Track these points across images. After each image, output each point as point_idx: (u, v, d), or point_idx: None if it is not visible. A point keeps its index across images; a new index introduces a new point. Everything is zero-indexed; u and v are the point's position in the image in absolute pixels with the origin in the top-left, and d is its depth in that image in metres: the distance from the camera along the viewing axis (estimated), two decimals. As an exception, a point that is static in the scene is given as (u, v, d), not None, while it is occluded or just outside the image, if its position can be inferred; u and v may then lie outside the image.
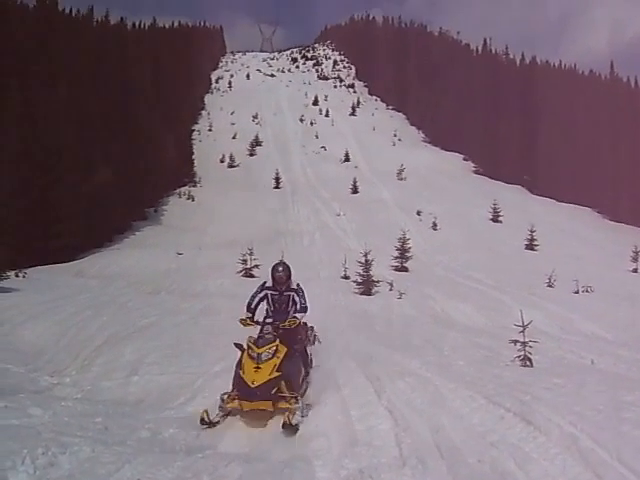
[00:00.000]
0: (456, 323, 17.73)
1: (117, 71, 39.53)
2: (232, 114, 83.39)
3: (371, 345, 12.87)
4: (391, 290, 22.26)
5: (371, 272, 22.85)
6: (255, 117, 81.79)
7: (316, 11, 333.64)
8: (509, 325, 13.57)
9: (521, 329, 11.47)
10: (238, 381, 7.91)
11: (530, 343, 11.35)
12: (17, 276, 20.88)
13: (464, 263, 30.36)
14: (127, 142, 37.50)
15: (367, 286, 22.44)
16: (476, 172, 62.32)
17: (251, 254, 25.10)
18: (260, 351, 7.98)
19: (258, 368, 7.81)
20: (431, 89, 78.71)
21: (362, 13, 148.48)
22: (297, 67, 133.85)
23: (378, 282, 22.77)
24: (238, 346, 8.28)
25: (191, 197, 46.92)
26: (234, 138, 69.61)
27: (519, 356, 11.38)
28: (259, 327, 8.67)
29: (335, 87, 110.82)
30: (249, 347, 8.12)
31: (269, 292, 9.31)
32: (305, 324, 9.84)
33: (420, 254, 31.10)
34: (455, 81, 74.42)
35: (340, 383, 9.08)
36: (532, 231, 35.43)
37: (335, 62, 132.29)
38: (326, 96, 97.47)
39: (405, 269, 27.91)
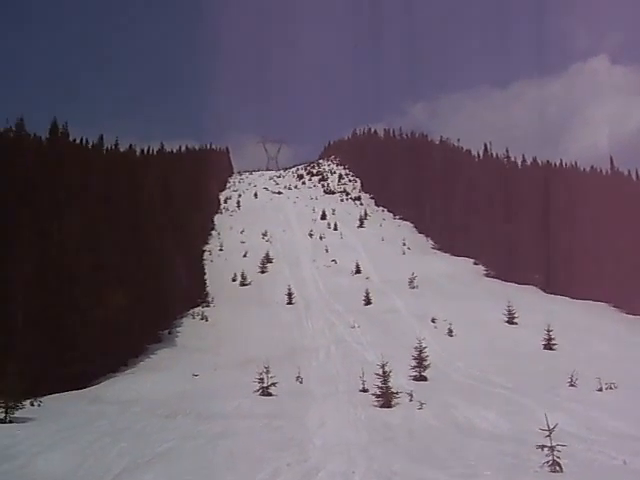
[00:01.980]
0: (480, 430, 17.36)
1: (127, 196, 40.38)
2: (242, 233, 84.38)
3: (394, 459, 12.59)
4: (411, 401, 21.90)
5: (390, 383, 22.56)
6: (265, 234, 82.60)
7: (319, 128, 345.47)
8: (534, 429, 13.28)
9: (547, 433, 11.23)
10: None
11: (558, 447, 11.08)
12: (32, 405, 20.76)
13: (483, 368, 29.91)
14: (139, 265, 37.87)
15: (386, 398, 22.09)
16: (487, 275, 62.27)
17: (267, 372, 24.85)
18: None
19: None
20: (436, 196, 79.74)
21: (364, 127, 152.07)
22: (303, 183, 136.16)
23: (397, 393, 22.43)
24: None
25: (204, 317, 46.86)
26: (245, 256, 70.15)
27: (548, 461, 11.10)
28: None
29: (342, 201, 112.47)
30: None
31: None
32: None
33: (438, 362, 30.70)
34: (459, 187, 75.43)
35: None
36: (549, 330, 35.07)
37: (340, 176, 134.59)
38: (333, 210, 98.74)
39: (424, 378, 27.51)
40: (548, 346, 34.92)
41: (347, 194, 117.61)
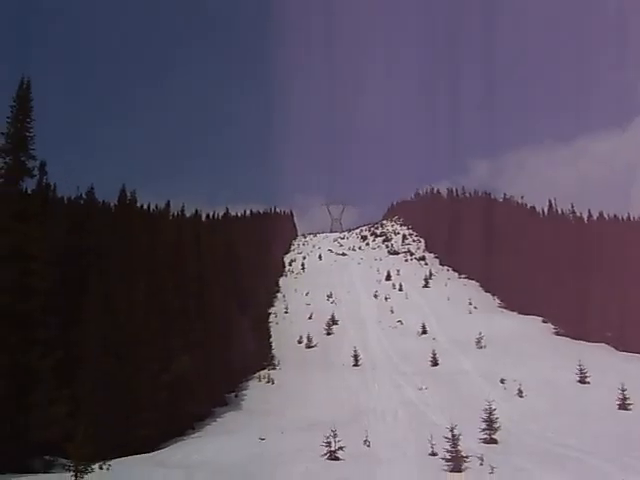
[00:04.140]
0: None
1: (193, 261, 41.05)
2: (307, 295, 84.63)
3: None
4: (482, 465, 21.34)
5: (459, 447, 22.05)
6: (329, 296, 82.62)
7: (383, 189, 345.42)
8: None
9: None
10: None
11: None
12: (101, 469, 20.87)
13: (555, 430, 29.00)
14: (206, 329, 38.20)
15: (456, 462, 21.59)
16: (557, 333, 60.79)
17: (335, 436, 24.56)
18: None
19: None
20: (502, 254, 78.66)
21: (427, 187, 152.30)
22: (367, 244, 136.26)
23: (467, 457, 21.89)
24: None
25: (270, 380, 46.79)
26: (310, 318, 70.17)
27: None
28: None
29: (406, 261, 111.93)
30: None
31: None
32: None
33: (508, 424, 29.88)
34: (525, 244, 74.40)
35: None
36: (623, 390, 33.89)
37: (404, 236, 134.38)
38: (398, 270, 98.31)
39: (494, 441, 26.79)
40: (623, 406, 33.70)
41: (411, 254, 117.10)
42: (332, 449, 24.39)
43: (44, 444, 22.47)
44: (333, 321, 67.10)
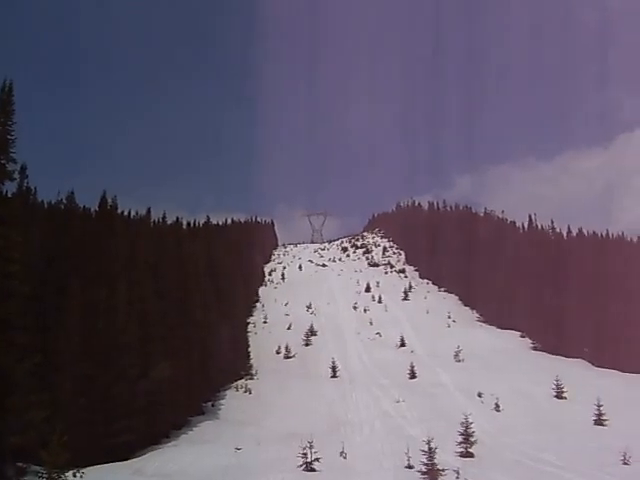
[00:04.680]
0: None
1: (173, 268, 40.90)
2: (286, 305, 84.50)
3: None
4: (457, 478, 21.42)
5: (435, 460, 22.11)
6: (309, 307, 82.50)
7: (364, 200, 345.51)
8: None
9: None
10: None
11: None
12: (75, 476, 20.79)
13: (531, 444, 29.13)
14: (185, 337, 38.06)
15: (432, 475, 21.65)
16: (534, 348, 61.16)
17: (311, 447, 24.56)
18: None
19: None
20: (481, 269, 79.10)
21: (408, 200, 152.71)
22: (348, 256, 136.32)
23: (443, 470, 21.96)
24: None
25: (248, 390, 46.62)
26: (289, 329, 70.03)
27: None
28: None
29: (386, 273, 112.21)
30: None
31: None
32: None
33: (485, 437, 30.01)
34: (504, 259, 74.86)
35: None
36: (599, 405, 34.14)
37: (384, 249, 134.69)
38: (378, 282, 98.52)
39: (471, 454, 26.89)
40: (599, 422, 33.96)
41: (391, 267, 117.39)
42: (308, 460, 24.40)
43: (18, 450, 22.26)
44: (312, 332, 66.93)
